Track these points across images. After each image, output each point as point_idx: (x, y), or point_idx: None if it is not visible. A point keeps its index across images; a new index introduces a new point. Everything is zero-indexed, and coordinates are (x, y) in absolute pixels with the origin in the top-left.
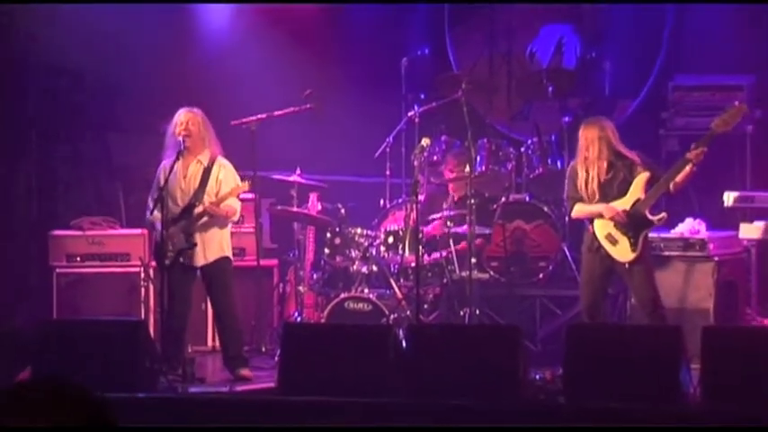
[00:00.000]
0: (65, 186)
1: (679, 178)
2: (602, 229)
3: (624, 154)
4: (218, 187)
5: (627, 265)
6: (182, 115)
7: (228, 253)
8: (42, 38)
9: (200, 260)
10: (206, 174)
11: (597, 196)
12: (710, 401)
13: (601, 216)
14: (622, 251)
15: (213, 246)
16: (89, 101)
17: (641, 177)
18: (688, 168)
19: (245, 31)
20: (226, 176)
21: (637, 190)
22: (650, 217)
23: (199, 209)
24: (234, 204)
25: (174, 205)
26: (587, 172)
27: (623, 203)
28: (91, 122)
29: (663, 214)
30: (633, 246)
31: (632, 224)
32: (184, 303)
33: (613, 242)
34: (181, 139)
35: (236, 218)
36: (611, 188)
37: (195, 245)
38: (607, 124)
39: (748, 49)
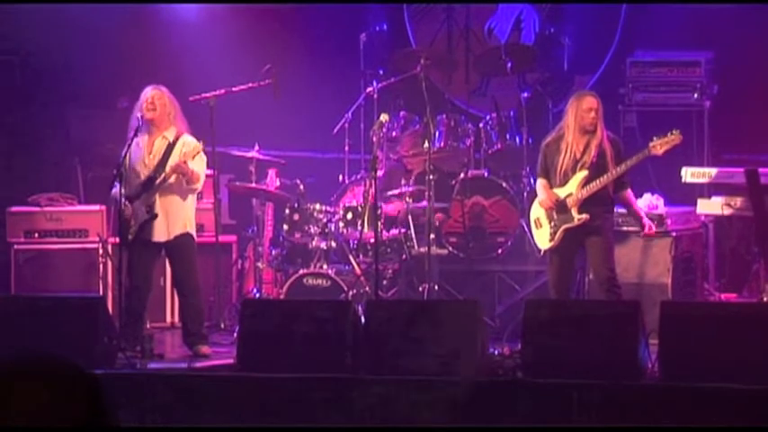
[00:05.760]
0: (22, 162)
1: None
2: (536, 210)
3: (605, 136)
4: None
5: (587, 241)
6: (148, 93)
7: (192, 230)
8: None
9: (162, 236)
10: (170, 149)
11: (575, 170)
12: (669, 377)
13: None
14: (541, 238)
15: (176, 222)
16: (46, 75)
17: (580, 174)
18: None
19: (203, 7)
20: (189, 151)
21: (573, 184)
22: (574, 214)
23: (159, 179)
24: (198, 169)
25: (138, 180)
26: (574, 143)
27: (563, 191)
28: (48, 98)
29: (585, 215)
30: (551, 236)
31: (558, 216)
32: (146, 280)
33: (538, 226)
34: (147, 115)
35: (198, 185)
36: (591, 165)
37: (156, 215)
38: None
39: (706, 24)
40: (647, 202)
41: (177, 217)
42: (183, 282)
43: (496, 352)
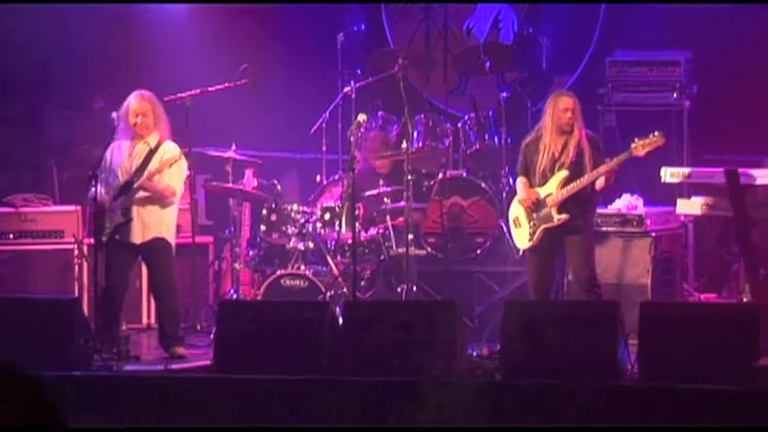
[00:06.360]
0: None
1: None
2: (515, 209)
3: (583, 135)
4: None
5: (566, 241)
6: (135, 103)
7: (167, 235)
8: None
9: (137, 238)
10: (150, 155)
11: (553, 171)
12: (648, 378)
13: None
14: (520, 237)
15: (151, 225)
16: (23, 75)
17: (560, 174)
18: (603, 181)
19: (180, 6)
20: (166, 160)
21: (553, 184)
22: (553, 214)
23: (137, 184)
24: (173, 184)
25: (116, 183)
26: (552, 144)
27: (543, 191)
28: (25, 97)
29: (564, 216)
30: (530, 236)
31: (537, 215)
32: (121, 281)
33: (517, 226)
34: (132, 122)
35: (174, 199)
36: (570, 164)
37: (131, 219)
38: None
39: (685, 24)
40: (627, 203)
41: (153, 221)
42: (159, 286)
43: (475, 353)
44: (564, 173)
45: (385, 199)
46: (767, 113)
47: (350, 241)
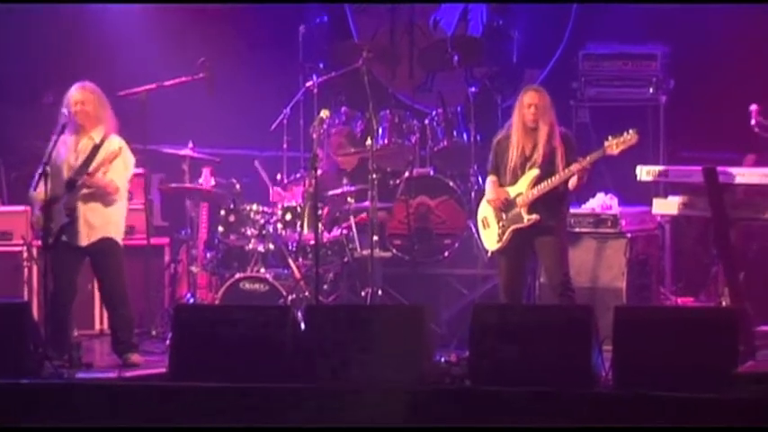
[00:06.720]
0: None
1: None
2: (484, 209)
3: (556, 132)
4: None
5: (537, 241)
6: (75, 93)
7: (114, 234)
8: None
9: (83, 240)
10: (95, 150)
11: (524, 170)
12: (623, 385)
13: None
14: (489, 238)
15: (97, 225)
16: None
17: (531, 173)
18: (575, 180)
19: None
20: (106, 156)
21: (524, 183)
22: (523, 214)
23: (81, 182)
24: (117, 180)
25: (61, 181)
26: (522, 141)
27: (513, 191)
28: None
29: (535, 216)
30: (499, 237)
31: (507, 215)
32: (69, 284)
33: (486, 226)
34: (74, 114)
35: (118, 196)
36: (542, 163)
37: (76, 219)
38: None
39: (662, 17)
40: (601, 202)
41: (98, 221)
42: (110, 291)
43: (443, 360)
44: (535, 171)
45: (349, 198)
46: (746, 109)
47: (312, 243)
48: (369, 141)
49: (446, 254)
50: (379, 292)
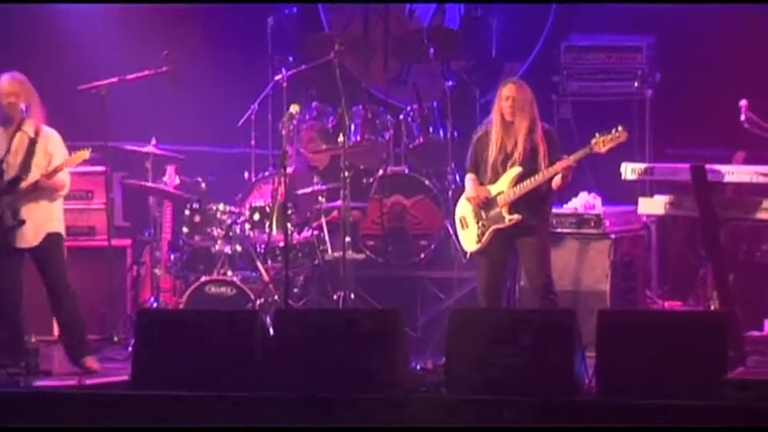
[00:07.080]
0: None
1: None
2: (462, 208)
3: (538, 129)
4: (47, 160)
5: (519, 243)
6: (6, 84)
7: (59, 228)
8: None
9: (28, 241)
10: (32, 145)
11: (505, 167)
12: (607, 393)
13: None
14: (467, 239)
15: (41, 224)
16: None
17: (513, 171)
18: (559, 179)
19: None
20: (55, 148)
21: (505, 182)
22: (504, 214)
23: (26, 182)
24: (64, 177)
25: (1, 180)
26: (503, 138)
27: (494, 189)
28: None
29: (516, 216)
30: (478, 237)
31: (487, 215)
32: (15, 287)
33: (464, 226)
34: (5, 108)
35: (65, 192)
36: (524, 160)
37: (23, 222)
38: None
39: (648, 7)
40: (584, 202)
41: (40, 218)
42: (56, 284)
43: (419, 366)
44: (517, 170)
45: (320, 198)
46: (736, 104)
47: (281, 244)
48: (341, 138)
49: (422, 256)
50: (352, 296)
